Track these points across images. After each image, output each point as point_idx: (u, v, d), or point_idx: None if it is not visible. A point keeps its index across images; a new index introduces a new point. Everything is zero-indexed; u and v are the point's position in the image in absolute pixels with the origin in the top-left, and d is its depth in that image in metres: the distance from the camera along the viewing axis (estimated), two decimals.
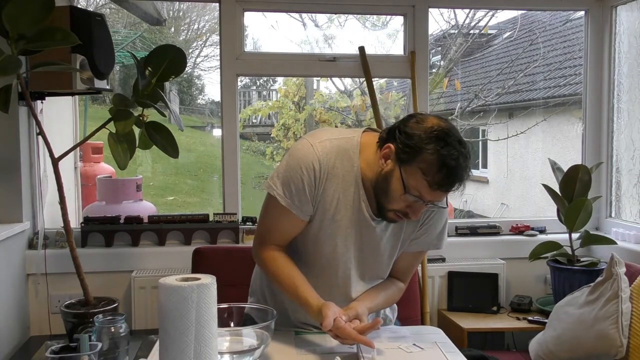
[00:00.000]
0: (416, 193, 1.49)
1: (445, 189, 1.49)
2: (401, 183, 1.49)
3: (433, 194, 1.49)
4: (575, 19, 6.88)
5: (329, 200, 1.59)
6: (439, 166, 1.45)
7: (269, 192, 1.60)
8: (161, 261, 2.83)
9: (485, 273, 2.94)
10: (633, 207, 3.05)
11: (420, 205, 1.53)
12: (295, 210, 1.57)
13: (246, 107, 7.09)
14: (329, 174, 1.58)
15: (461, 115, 6.80)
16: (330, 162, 1.58)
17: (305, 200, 1.57)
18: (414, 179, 1.48)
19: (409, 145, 1.47)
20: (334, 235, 1.62)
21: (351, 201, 1.60)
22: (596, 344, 2.17)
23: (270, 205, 1.62)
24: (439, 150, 1.45)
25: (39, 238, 2.69)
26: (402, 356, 1.51)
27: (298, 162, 1.57)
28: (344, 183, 1.59)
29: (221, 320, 1.43)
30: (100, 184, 3.35)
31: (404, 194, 1.50)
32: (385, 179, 1.53)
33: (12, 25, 1.90)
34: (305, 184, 1.56)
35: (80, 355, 1.32)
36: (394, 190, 1.51)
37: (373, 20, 6.07)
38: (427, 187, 1.47)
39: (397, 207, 1.54)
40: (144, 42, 6.28)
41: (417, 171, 1.47)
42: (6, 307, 2.49)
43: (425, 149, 1.46)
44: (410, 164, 1.48)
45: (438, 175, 1.45)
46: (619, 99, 3.12)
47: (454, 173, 1.46)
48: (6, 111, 2.04)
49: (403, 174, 1.49)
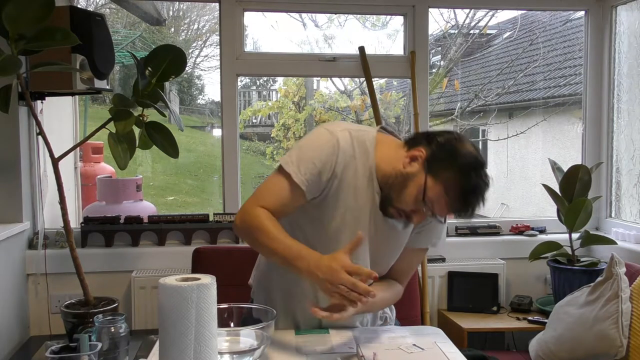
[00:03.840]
0: (430, 205, 1.50)
1: (457, 213, 1.52)
2: (421, 191, 1.49)
3: (444, 212, 1.53)
4: (575, 19, 6.88)
5: (346, 188, 1.58)
6: (464, 192, 1.47)
7: (284, 167, 1.56)
8: (161, 261, 2.83)
9: (485, 273, 2.94)
10: (633, 207, 3.05)
11: (426, 214, 1.54)
12: (305, 187, 1.55)
13: (246, 108, 7.09)
14: (347, 163, 1.57)
15: (461, 115, 6.80)
16: (348, 150, 1.57)
17: (317, 180, 1.55)
18: (434, 194, 1.49)
19: (444, 159, 1.49)
20: (352, 225, 1.60)
21: (366, 192, 1.59)
22: (596, 344, 2.17)
23: (281, 177, 1.57)
24: (471, 177, 1.47)
25: (39, 238, 2.69)
26: (402, 356, 1.51)
27: (319, 145, 1.57)
28: (361, 173, 1.59)
29: (221, 320, 1.42)
30: (100, 184, 3.36)
31: (420, 201, 1.50)
32: (405, 179, 1.52)
33: (12, 25, 1.90)
34: (323, 166, 1.55)
35: (80, 355, 1.31)
36: (409, 194, 1.51)
37: (373, 20, 6.07)
38: (443, 205, 1.50)
39: (405, 207, 1.54)
40: (144, 42, 6.28)
41: (441, 188, 1.48)
42: (6, 307, 2.50)
43: (457, 171, 1.47)
44: (437, 176, 1.49)
45: (459, 200, 1.48)
46: (619, 99, 3.12)
47: (473, 204, 1.49)
48: (6, 111, 2.04)
49: (427, 183, 1.49)
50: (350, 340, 1.62)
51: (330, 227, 1.61)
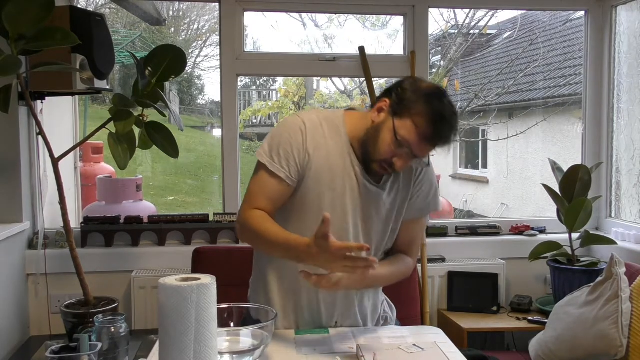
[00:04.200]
0: (406, 144, 1.56)
1: (433, 143, 1.56)
2: (392, 133, 1.56)
3: (421, 147, 1.57)
4: (575, 19, 6.88)
5: (322, 169, 1.63)
6: (431, 120, 1.53)
7: (259, 160, 1.65)
8: (161, 261, 2.83)
9: (485, 273, 2.94)
10: (633, 207, 3.05)
11: (407, 157, 1.58)
12: (282, 174, 1.61)
13: (246, 108, 7.09)
14: (318, 142, 1.64)
15: (461, 115, 6.80)
16: (317, 130, 1.65)
17: (293, 163, 1.62)
18: (405, 130, 1.55)
19: (405, 99, 1.57)
20: (334, 203, 1.64)
21: (345, 168, 1.65)
22: (596, 344, 2.17)
23: (259, 172, 1.65)
24: (434, 105, 1.54)
25: (39, 238, 2.69)
26: (402, 356, 1.51)
27: (285, 128, 1.66)
28: (335, 152, 1.65)
29: (221, 320, 1.42)
30: (100, 184, 3.36)
31: (395, 142, 1.56)
32: (377, 130, 1.60)
33: (12, 25, 1.90)
34: (292, 147, 1.62)
35: (80, 355, 1.31)
36: (383, 141, 1.57)
37: (373, 20, 6.07)
38: (416, 139, 1.55)
39: (383, 158, 1.59)
40: (144, 42, 6.28)
41: (410, 123, 1.54)
42: (6, 307, 2.50)
43: (420, 102, 1.55)
44: (403, 116, 1.56)
45: (429, 128, 1.53)
46: (619, 99, 3.12)
47: (444, 128, 1.55)
48: (6, 111, 2.04)
49: (396, 125, 1.56)
50: (350, 340, 1.63)
51: (315, 210, 1.63)
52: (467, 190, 9.02)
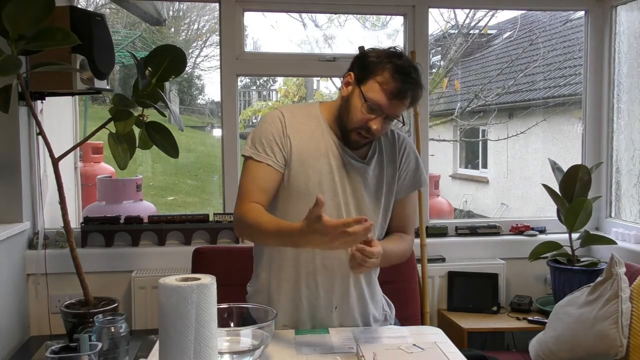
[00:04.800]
0: (376, 105, 1.62)
1: (400, 97, 1.62)
2: (361, 98, 1.63)
3: (390, 104, 1.63)
4: (575, 19, 6.88)
5: (304, 151, 1.70)
6: (394, 75, 1.61)
7: (244, 155, 1.71)
8: (161, 261, 2.83)
9: (485, 273, 2.94)
10: (633, 207, 3.05)
11: (380, 119, 1.64)
12: (270, 161, 1.67)
13: (246, 108, 7.09)
14: (297, 128, 1.71)
15: (461, 115, 6.81)
16: (294, 117, 1.73)
17: (277, 149, 1.69)
18: (372, 92, 1.62)
19: (366, 63, 1.65)
20: (321, 183, 1.69)
21: (327, 149, 1.71)
22: (596, 344, 2.17)
23: (247, 167, 1.71)
24: (394, 62, 1.62)
25: (39, 238, 2.69)
26: (402, 356, 1.51)
27: (265, 120, 1.75)
28: (315, 134, 1.72)
29: (221, 320, 1.43)
30: (100, 184, 3.36)
31: (365, 106, 1.62)
32: (347, 101, 1.68)
33: (12, 25, 1.90)
34: (274, 135, 1.69)
35: (80, 355, 1.32)
36: (355, 108, 1.65)
37: (373, 20, 6.08)
38: (384, 97, 1.62)
39: (358, 125, 1.65)
40: (144, 42, 6.28)
41: (374, 84, 1.62)
42: (6, 307, 2.50)
43: (381, 63, 1.63)
44: (368, 80, 1.64)
45: (393, 83, 1.60)
46: (619, 99, 3.12)
47: (408, 81, 1.61)
48: (6, 111, 2.04)
49: (362, 90, 1.63)
50: (350, 340, 1.63)
51: (303, 194, 1.68)
52: (467, 190, 9.02)
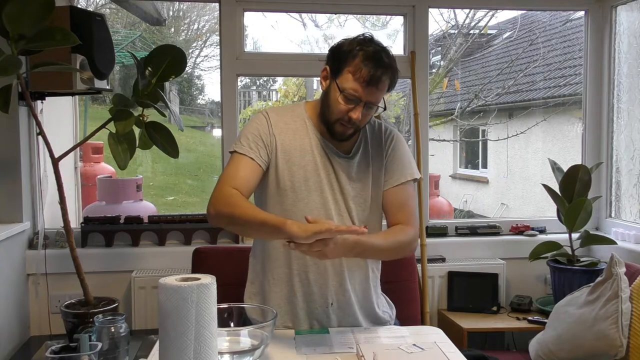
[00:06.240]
0: (352, 95, 1.64)
1: (374, 82, 1.63)
2: (338, 90, 1.66)
3: (366, 91, 1.64)
4: (575, 19, 6.89)
5: (289, 148, 1.73)
6: (364, 62, 1.62)
7: (230, 151, 1.75)
8: (161, 261, 2.83)
9: (485, 273, 2.94)
10: (633, 207, 3.05)
11: (360, 107, 1.65)
12: (253, 154, 1.70)
13: (246, 108, 7.09)
14: (282, 127, 1.75)
15: (461, 115, 6.81)
16: (280, 117, 1.77)
17: (262, 145, 1.72)
18: (347, 82, 1.64)
19: (339, 55, 1.67)
20: (307, 180, 1.72)
21: (312, 146, 1.74)
22: (596, 344, 2.17)
23: (231, 160, 1.74)
24: (364, 49, 1.64)
25: (39, 238, 2.69)
26: (402, 356, 1.51)
27: (251, 120, 1.80)
28: (300, 132, 1.76)
29: (221, 320, 1.42)
30: (100, 184, 3.36)
31: (342, 97, 1.64)
32: (326, 94, 1.71)
33: (12, 25, 1.90)
34: (260, 132, 1.74)
35: (80, 355, 1.31)
36: (334, 100, 1.67)
37: (373, 20, 6.08)
38: (359, 86, 1.63)
39: (339, 116, 1.67)
40: (144, 42, 6.28)
41: (348, 74, 1.64)
42: (6, 307, 2.49)
43: (351, 52, 1.64)
44: (342, 71, 1.66)
45: (365, 69, 1.62)
46: (619, 99, 3.12)
47: (379, 65, 1.62)
48: (6, 111, 2.04)
49: (338, 82, 1.66)
50: (350, 340, 1.63)
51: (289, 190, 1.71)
52: (467, 190, 9.03)
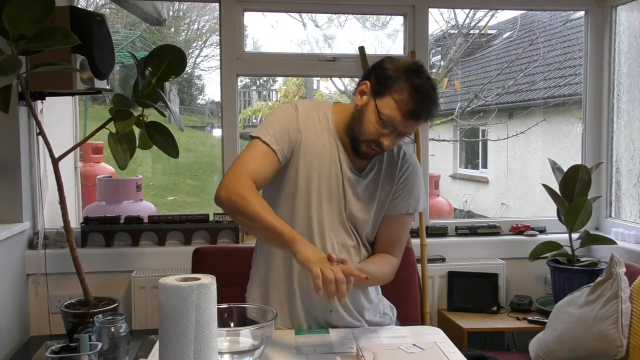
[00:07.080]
0: (389, 122, 1.59)
1: (415, 117, 1.59)
2: (376, 113, 1.60)
3: (404, 123, 1.60)
4: (575, 19, 6.89)
5: (311, 150, 1.67)
6: (411, 95, 1.56)
7: (253, 135, 1.66)
8: (161, 261, 2.83)
9: (485, 273, 2.94)
10: (633, 207, 3.05)
11: (392, 136, 1.61)
12: (275, 147, 1.63)
13: (246, 107, 7.10)
14: (309, 125, 1.69)
15: (461, 115, 6.80)
16: (309, 113, 1.71)
17: (287, 139, 1.66)
18: (387, 108, 1.59)
19: (385, 77, 1.60)
20: (320, 187, 1.68)
21: (332, 153, 1.69)
22: (596, 344, 2.17)
23: (252, 145, 1.65)
24: (413, 80, 1.57)
25: (39, 238, 2.69)
26: (402, 356, 1.51)
27: (279, 109, 1.73)
28: (323, 136, 1.70)
29: (221, 320, 1.42)
30: (100, 184, 3.36)
31: (379, 121, 1.59)
32: (361, 112, 1.64)
33: (12, 25, 1.90)
34: (288, 124, 1.67)
35: (80, 355, 1.31)
36: (368, 121, 1.61)
37: (373, 20, 6.08)
38: (400, 116, 1.58)
39: (370, 138, 1.62)
40: (144, 42, 6.28)
41: (391, 101, 1.58)
42: (6, 307, 2.50)
43: (399, 79, 1.58)
44: (384, 95, 1.59)
45: (410, 103, 1.57)
46: (619, 99, 3.12)
47: (425, 101, 1.58)
48: (6, 111, 2.04)
49: (378, 105, 1.60)
50: (350, 340, 1.63)
51: (303, 194, 1.67)
52: (467, 190, 9.02)
